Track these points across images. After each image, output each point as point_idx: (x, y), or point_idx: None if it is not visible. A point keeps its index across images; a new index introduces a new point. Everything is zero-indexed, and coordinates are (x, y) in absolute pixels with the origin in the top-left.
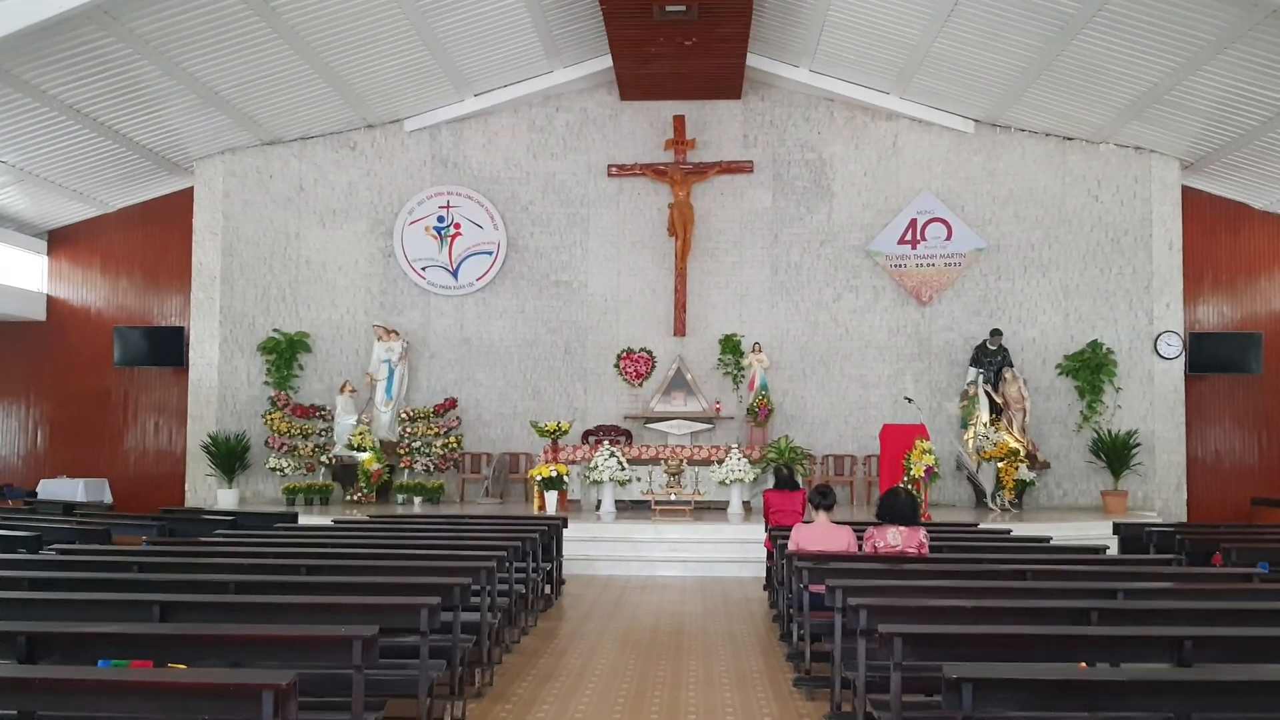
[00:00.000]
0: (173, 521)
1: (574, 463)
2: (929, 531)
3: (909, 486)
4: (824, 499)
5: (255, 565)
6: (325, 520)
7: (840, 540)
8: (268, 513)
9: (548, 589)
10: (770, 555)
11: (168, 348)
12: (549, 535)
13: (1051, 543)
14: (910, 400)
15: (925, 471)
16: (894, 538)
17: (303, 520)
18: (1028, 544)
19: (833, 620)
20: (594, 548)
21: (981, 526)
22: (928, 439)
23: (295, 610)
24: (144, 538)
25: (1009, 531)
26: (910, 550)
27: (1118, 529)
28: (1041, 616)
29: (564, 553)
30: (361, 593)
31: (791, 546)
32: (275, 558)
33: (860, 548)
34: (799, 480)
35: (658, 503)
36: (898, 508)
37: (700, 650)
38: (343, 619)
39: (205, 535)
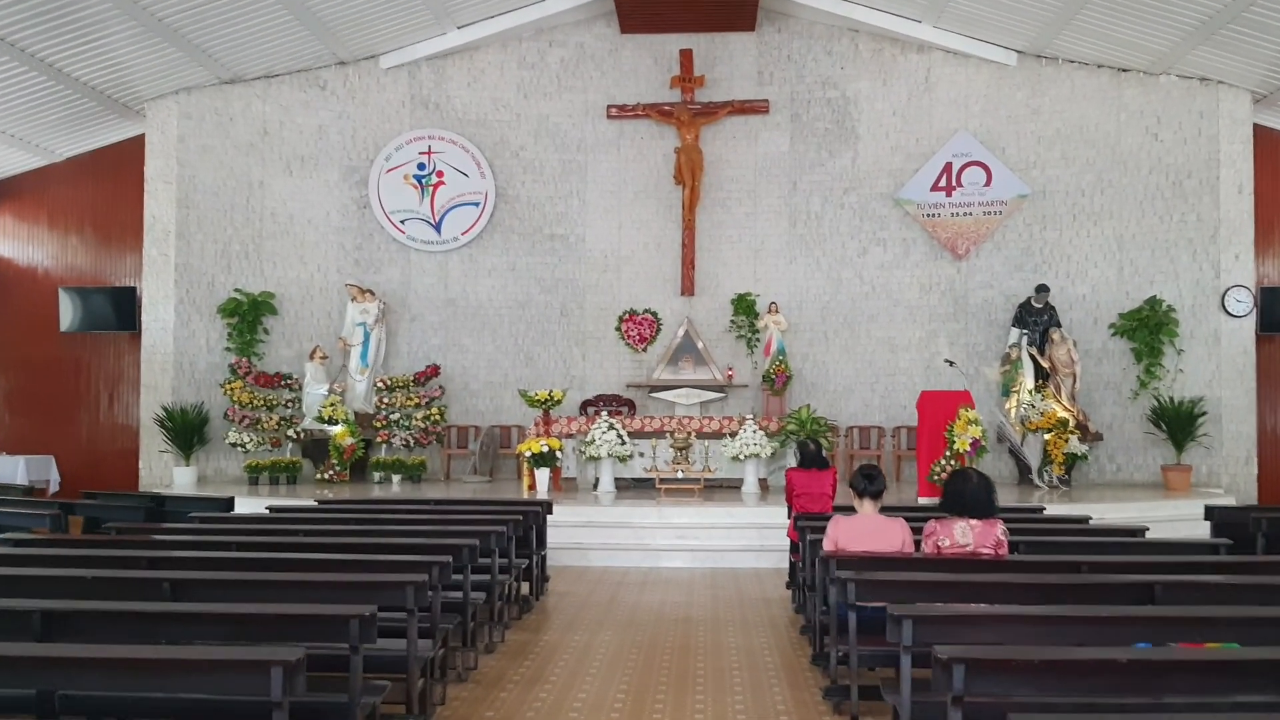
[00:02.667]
0: (91, 508)
1: (569, 436)
2: None
3: (951, 462)
4: (870, 484)
5: (106, 582)
6: (284, 504)
7: (892, 537)
8: (203, 497)
9: (527, 587)
10: (795, 548)
11: (119, 310)
12: (528, 523)
13: (1147, 535)
14: (951, 363)
15: (971, 445)
16: (963, 535)
17: (252, 505)
18: (1121, 539)
19: (891, 650)
20: (588, 534)
21: (1049, 512)
22: (973, 407)
23: (96, 671)
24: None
25: (1087, 520)
26: (985, 551)
27: (1212, 514)
28: (1231, 678)
29: (552, 541)
30: (218, 631)
31: (828, 546)
32: (148, 566)
33: (918, 547)
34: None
35: (663, 481)
36: (969, 495)
37: (709, 676)
38: (170, 681)
39: (123, 523)
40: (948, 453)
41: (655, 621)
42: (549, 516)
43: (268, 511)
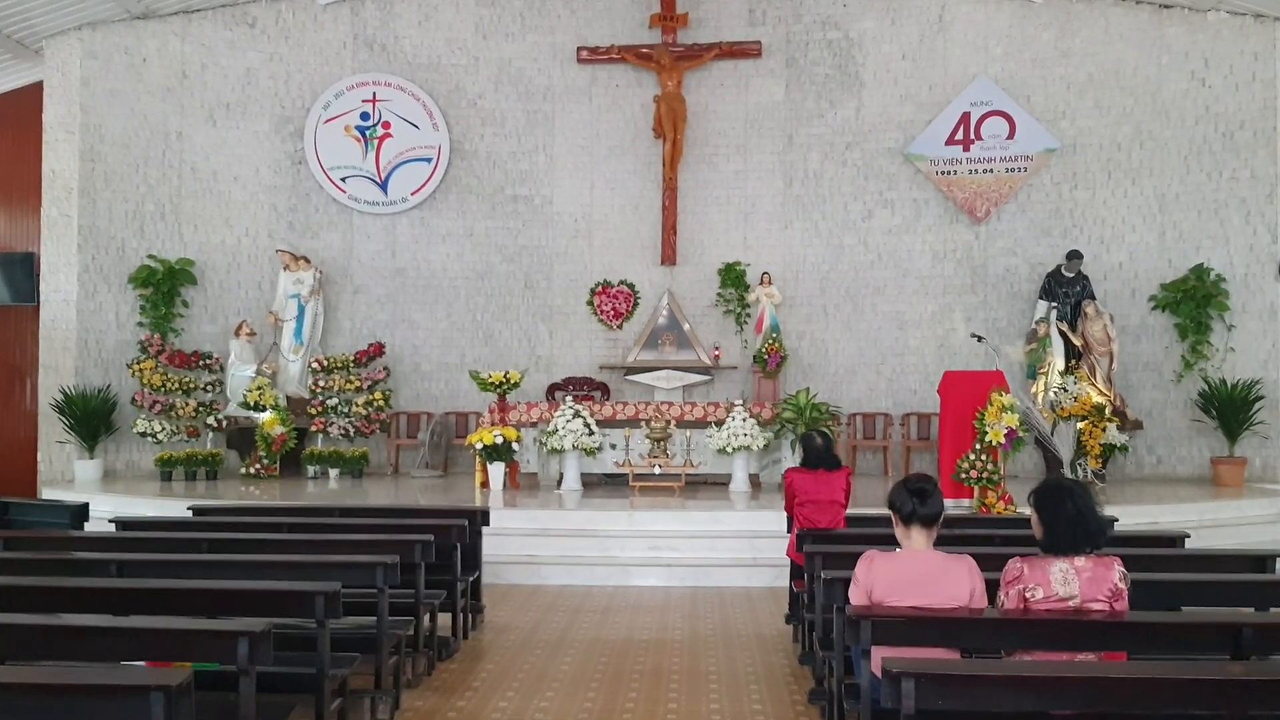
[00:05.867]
0: None
1: (530, 425)
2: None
3: (982, 457)
4: (922, 504)
5: None
6: (138, 515)
7: (955, 584)
8: (50, 503)
9: (453, 622)
10: (798, 571)
11: (16, 280)
12: (450, 540)
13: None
14: (980, 339)
15: (1006, 436)
16: (1065, 581)
17: (157, 507)
18: (1252, 575)
19: None
20: (542, 544)
21: (1127, 524)
22: (1007, 390)
23: None
24: None
25: (1181, 539)
26: (1096, 605)
27: None
28: None
29: (501, 554)
30: None
31: (859, 598)
32: None
33: (994, 599)
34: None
35: (637, 477)
36: (1073, 518)
37: None
38: None
39: None
40: (977, 445)
41: (614, 674)
42: (500, 521)
43: (114, 528)
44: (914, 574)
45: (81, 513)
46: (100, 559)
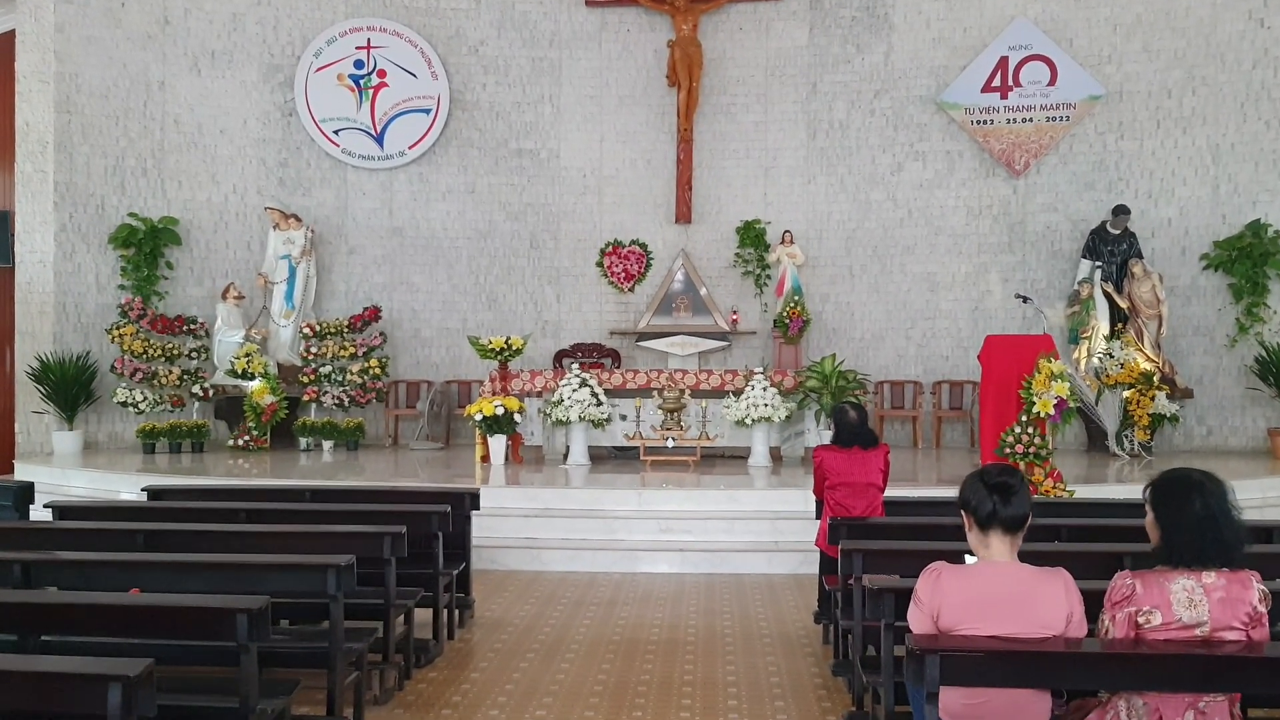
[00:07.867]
0: None
1: (535, 394)
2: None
3: (1029, 430)
4: (1005, 503)
5: None
6: (77, 501)
7: (1050, 606)
8: None
9: (434, 620)
10: (831, 568)
11: None
12: (430, 529)
13: None
14: (1025, 299)
15: (1055, 407)
16: (1190, 603)
17: (135, 483)
18: None
19: None
20: (544, 525)
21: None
22: (1056, 356)
23: None
24: None
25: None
26: (1230, 634)
27: None
28: None
29: (498, 537)
30: None
31: (921, 622)
32: None
33: (1100, 623)
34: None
35: (649, 450)
36: (1202, 521)
37: None
38: None
39: None
40: (1023, 417)
41: (618, 685)
42: (499, 500)
43: (53, 515)
44: (994, 593)
45: (25, 494)
46: (4, 559)
